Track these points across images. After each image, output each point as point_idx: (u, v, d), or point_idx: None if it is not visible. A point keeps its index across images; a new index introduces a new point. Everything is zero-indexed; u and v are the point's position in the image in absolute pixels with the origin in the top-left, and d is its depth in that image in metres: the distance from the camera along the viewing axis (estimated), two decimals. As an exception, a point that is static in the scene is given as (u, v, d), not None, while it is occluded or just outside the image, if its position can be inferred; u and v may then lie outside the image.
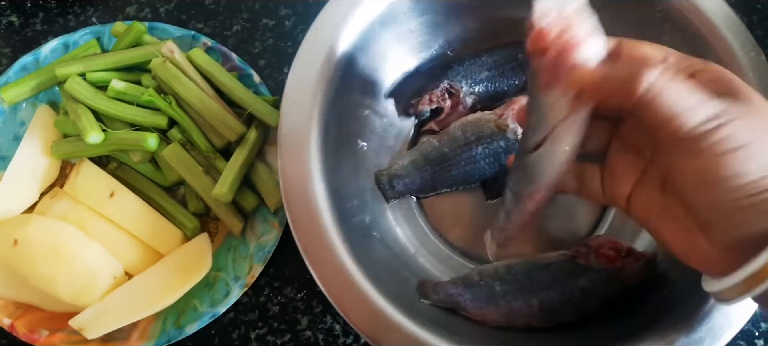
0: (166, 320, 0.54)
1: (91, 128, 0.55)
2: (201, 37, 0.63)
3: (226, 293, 0.55)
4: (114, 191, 0.56)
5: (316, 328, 0.56)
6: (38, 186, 0.59)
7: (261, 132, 0.58)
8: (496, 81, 0.60)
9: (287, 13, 0.68)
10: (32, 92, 0.60)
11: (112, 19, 0.68)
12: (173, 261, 0.56)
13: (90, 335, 0.52)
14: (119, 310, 0.53)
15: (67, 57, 0.61)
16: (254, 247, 0.56)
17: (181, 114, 0.57)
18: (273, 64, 0.66)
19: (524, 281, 0.51)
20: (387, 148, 0.59)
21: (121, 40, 0.60)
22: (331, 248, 0.46)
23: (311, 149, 0.49)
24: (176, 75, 0.56)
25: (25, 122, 0.61)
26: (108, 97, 0.57)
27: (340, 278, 0.45)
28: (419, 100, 0.58)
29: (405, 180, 0.57)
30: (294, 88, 0.50)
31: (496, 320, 0.51)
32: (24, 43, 0.67)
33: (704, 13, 0.53)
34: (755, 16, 0.70)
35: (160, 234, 0.56)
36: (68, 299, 0.53)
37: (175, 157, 0.56)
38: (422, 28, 0.58)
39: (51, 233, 0.54)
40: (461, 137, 0.57)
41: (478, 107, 0.60)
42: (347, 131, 0.55)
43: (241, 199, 0.57)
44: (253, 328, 0.56)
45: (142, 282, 0.55)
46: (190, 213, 0.58)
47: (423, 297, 0.51)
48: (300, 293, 0.57)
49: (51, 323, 0.54)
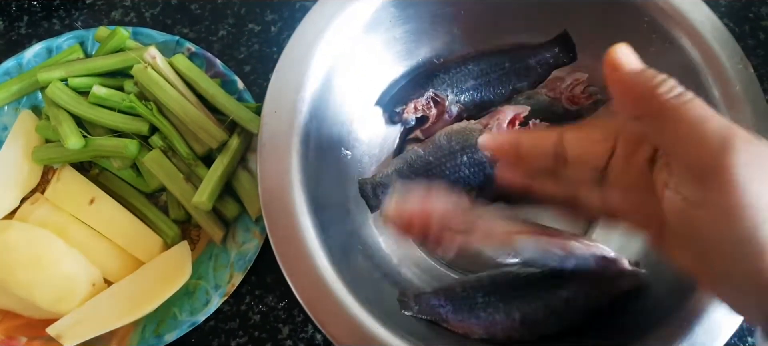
0: (145, 329, 0.54)
1: (71, 134, 0.55)
2: (185, 42, 0.62)
3: (206, 301, 0.54)
4: (94, 198, 0.56)
5: (298, 337, 0.56)
6: (19, 191, 0.58)
7: (243, 139, 0.58)
8: (482, 90, 0.59)
9: (273, 18, 0.68)
10: (14, 97, 0.60)
11: (98, 23, 0.67)
12: (153, 269, 0.55)
13: (67, 343, 0.51)
14: (97, 318, 0.52)
15: (49, 62, 0.61)
16: (235, 255, 0.56)
17: (163, 120, 0.56)
18: (258, 70, 0.65)
19: (507, 292, 0.51)
20: (372, 156, 0.59)
21: (104, 45, 0.60)
22: (310, 258, 0.45)
23: (292, 158, 0.48)
24: (158, 81, 0.56)
25: (7, 127, 0.60)
26: (89, 102, 0.57)
27: (318, 289, 0.45)
28: (404, 109, 0.58)
29: (389, 189, 0.56)
30: (275, 95, 0.50)
31: (477, 333, 0.50)
32: (8, 47, 0.66)
33: (691, 24, 0.53)
34: (747, 25, 0.70)
35: (139, 241, 0.56)
36: (46, 305, 0.52)
37: (156, 164, 0.56)
38: (408, 35, 0.58)
39: (30, 240, 0.53)
40: (446, 146, 0.56)
41: (464, 116, 0.59)
42: (330, 139, 0.54)
43: (223, 207, 0.56)
44: (234, 337, 0.56)
45: (121, 290, 0.54)
46: (170, 221, 0.57)
47: (404, 309, 0.50)
48: (281, 302, 0.57)
49: (30, 330, 0.54)
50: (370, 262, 0.53)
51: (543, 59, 0.59)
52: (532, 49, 0.60)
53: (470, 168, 0.56)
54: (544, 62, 0.59)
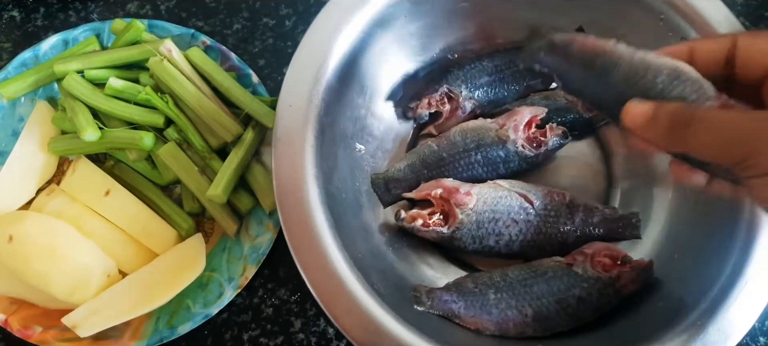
0: (158, 320, 0.54)
1: (87, 126, 0.55)
2: (200, 35, 0.63)
3: (220, 293, 0.55)
4: (109, 189, 0.56)
5: (310, 331, 0.56)
6: (35, 182, 0.59)
7: (258, 133, 0.58)
8: (496, 86, 0.59)
9: (288, 12, 0.68)
10: (31, 88, 0.60)
11: (113, 15, 0.67)
12: (167, 261, 0.55)
13: (82, 333, 0.52)
14: (112, 308, 0.53)
15: (65, 54, 0.61)
16: (249, 248, 0.56)
17: (178, 113, 0.56)
18: (272, 64, 0.65)
19: (519, 289, 0.51)
20: (385, 151, 0.59)
21: (120, 37, 0.60)
22: (324, 253, 0.46)
23: (306, 152, 0.48)
24: (173, 74, 0.56)
25: (23, 118, 0.61)
26: (105, 94, 0.57)
27: (331, 283, 0.45)
28: (418, 104, 0.58)
29: (402, 184, 0.56)
30: (290, 90, 0.50)
31: (489, 329, 0.50)
32: (25, 38, 0.67)
33: (707, 22, 0.52)
34: (763, 24, 0.69)
35: (154, 233, 0.56)
36: (62, 296, 0.53)
37: (171, 157, 0.56)
38: (422, 31, 0.58)
39: (46, 230, 0.54)
40: (461, 143, 0.56)
41: (477, 113, 0.59)
42: (344, 134, 0.54)
43: (237, 200, 0.57)
44: (246, 329, 0.56)
45: (136, 281, 0.55)
46: (185, 213, 0.58)
47: (416, 304, 0.50)
48: (294, 295, 0.57)
49: (45, 319, 0.55)
50: (383, 257, 0.53)
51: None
52: (547, 47, 0.59)
53: (484, 167, 0.56)
54: (558, 59, 0.59)
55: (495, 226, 0.53)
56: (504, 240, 0.53)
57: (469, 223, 0.53)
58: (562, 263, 0.52)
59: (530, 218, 0.53)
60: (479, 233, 0.53)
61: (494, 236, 0.53)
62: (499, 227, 0.53)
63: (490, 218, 0.53)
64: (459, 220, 0.53)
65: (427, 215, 0.54)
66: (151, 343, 0.53)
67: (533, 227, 0.54)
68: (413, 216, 0.54)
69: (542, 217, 0.54)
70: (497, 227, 0.53)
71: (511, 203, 0.53)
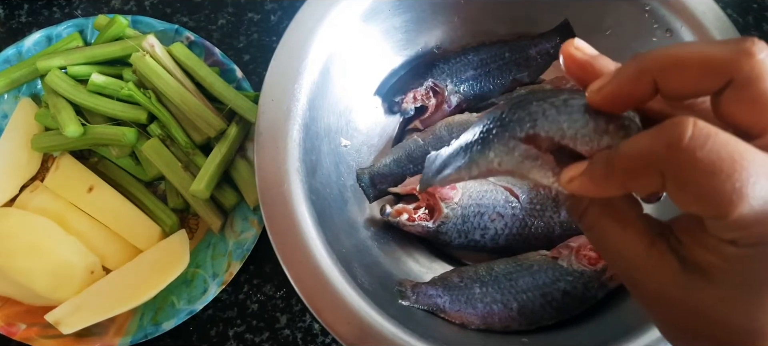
0: (143, 316, 0.54)
1: (70, 122, 0.55)
2: (184, 31, 0.62)
3: (204, 290, 0.54)
4: (93, 186, 0.56)
5: (295, 327, 0.56)
6: (18, 179, 0.58)
7: (242, 128, 0.57)
8: (482, 80, 0.59)
9: (273, 7, 0.67)
10: (14, 85, 0.60)
11: (97, 11, 0.67)
12: (151, 257, 0.55)
13: (66, 330, 0.51)
14: (96, 305, 0.53)
15: (49, 50, 0.61)
16: (233, 244, 0.56)
17: (161, 109, 0.56)
18: (257, 59, 0.65)
19: (504, 283, 0.51)
20: (371, 146, 0.59)
21: (103, 33, 0.60)
22: (307, 248, 0.45)
23: (289, 147, 0.48)
24: (156, 69, 0.56)
25: (7, 115, 0.60)
26: (88, 91, 0.57)
27: (315, 279, 0.45)
28: (403, 99, 0.58)
29: (387, 179, 0.56)
30: (272, 84, 0.49)
31: (474, 323, 0.50)
32: (8, 34, 0.66)
33: (693, 14, 0.52)
34: (751, 16, 0.69)
35: (138, 229, 0.56)
36: (45, 292, 0.53)
37: (155, 153, 0.56)
38: (407, 24, 0.57)
39: (29, 227, 0.54)
40: (447, 137, 0.56)
41: (463, 107, 0.59)
42: (328, 129, 0.54)
43: (221, 196, 0.56)
44: (232, 325, 0.56)
45: (120, 277, 0.54)
46: (169, 209, 0.57)
47: (401, 299, 0.50)
48: (279, 291, 0.57)
49: (29, 316, 0.54)
50: (368, 252, 0.53)
51: (543, 49, 0.59)
52: (532, 39, 0.59)
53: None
54: (544, 52, 0.59)
55: (480, 220, 0.53)
56: (489, 234, 0.53)
57: (454, 217, 0.53)
58: (548, 257, 0.52)
59: (516, 212, 0.53)
60: (464, 227, 0.53)
61: (480, 230, 0.53)
62: (484, 221, 0.53)
63: (475, 212, 0.53)
64: (444, 214, 0.52)
65: (413, 210, 0.54)
66: (135, 340, 0.53)
67: (519, 220, 0.53)
68: (399, 211, 0.53)
69: (528, 211, 0.54)
70: (483, 221, 0.53)
71: (497, 197, 0.53)
